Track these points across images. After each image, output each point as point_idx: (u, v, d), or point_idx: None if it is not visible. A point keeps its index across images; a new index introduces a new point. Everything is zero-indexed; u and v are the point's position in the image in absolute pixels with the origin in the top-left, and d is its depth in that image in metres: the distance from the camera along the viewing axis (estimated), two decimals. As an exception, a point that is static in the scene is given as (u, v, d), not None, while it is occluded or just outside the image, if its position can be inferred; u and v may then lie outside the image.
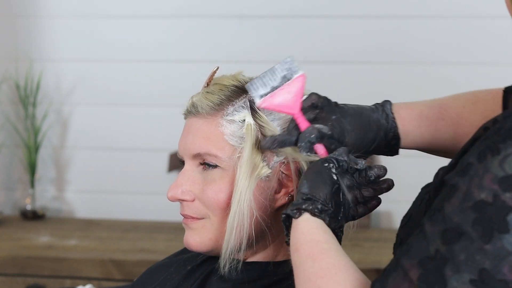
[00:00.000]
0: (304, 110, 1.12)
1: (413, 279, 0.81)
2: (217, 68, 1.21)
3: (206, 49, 2.68)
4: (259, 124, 1.15)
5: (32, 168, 2.73)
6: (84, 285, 2.09)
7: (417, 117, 1.15)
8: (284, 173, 1.16)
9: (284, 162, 1.15)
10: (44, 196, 2.81)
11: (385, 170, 1.07)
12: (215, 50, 2.67)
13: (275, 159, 1.15)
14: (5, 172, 2.84)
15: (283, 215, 1.01)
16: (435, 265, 0.79)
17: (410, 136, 1.15)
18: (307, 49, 2.61)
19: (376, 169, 1.06)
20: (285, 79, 1.12)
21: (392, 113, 1.14)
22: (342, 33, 2.58)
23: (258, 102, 1.12)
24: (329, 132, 1.10)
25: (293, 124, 1.12)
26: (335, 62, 2.60)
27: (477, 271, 0.78)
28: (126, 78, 2.74)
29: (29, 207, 2.73)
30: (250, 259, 1.18)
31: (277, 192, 1.16)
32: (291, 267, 1.00)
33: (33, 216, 2.71)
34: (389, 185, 1.08)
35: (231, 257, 1.14)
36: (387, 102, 1.16)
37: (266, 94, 1.12)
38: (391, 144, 1.15)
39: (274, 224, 1.16)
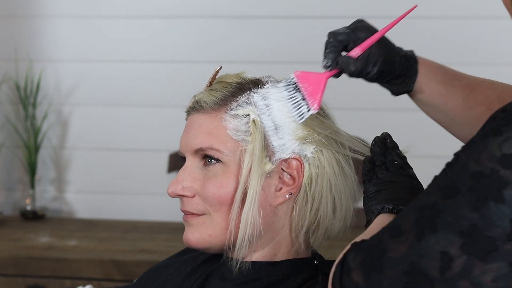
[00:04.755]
0: None
1: (412, 220, 0.90)
2: (220, 68, 1.21)
3: (206, 50, 2.68)
4: (263, 119, 1.15)
5: (32, 169, 2.73)
6: (84, 285, 2.09)
7: (436, 67, 1.22)
8: (285, 171, 1.16)
9: (286, 160, 1.15)
10: (44, 197, 2.81)
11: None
12: (215, 51, 2.67)
13: (277, 156, 1.15)
14: (5, 172, 2.84)
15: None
16: (431, 214, 0.87)
17: (426, 78, 1.21)
18: (307, 50, 2.61)
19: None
20: (296, 88, 1.16)
21: (414, 53, 1.22)
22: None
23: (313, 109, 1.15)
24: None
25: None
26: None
27: (468, 226, 0.85)
28: (126, 79, 2.74)
29: (29, 207, 2.73)
30: (248, 259, 1.17)
31: (277, 190, 1.16)
32: (290, 266, 1.08)
33: (33, 217, 2.71)
34: None
35: (242, 255, 1.15)
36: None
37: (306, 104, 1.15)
38: (408, 74, 1.20)
39: (274, 222, 1.16)
